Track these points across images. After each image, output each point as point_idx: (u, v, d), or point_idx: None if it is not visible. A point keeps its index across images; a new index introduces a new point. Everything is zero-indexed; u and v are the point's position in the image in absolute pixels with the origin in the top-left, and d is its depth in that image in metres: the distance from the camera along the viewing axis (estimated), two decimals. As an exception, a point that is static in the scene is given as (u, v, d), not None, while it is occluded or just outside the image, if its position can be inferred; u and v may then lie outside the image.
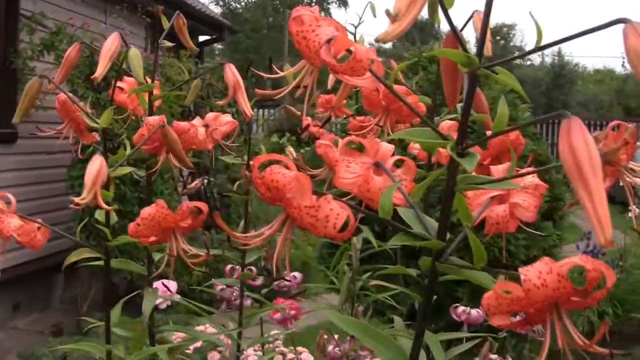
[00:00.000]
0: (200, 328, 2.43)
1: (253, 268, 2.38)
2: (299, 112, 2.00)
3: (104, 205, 1.07)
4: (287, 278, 2.84)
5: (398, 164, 0.97)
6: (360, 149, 1.02)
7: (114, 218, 1.29)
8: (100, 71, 1.26)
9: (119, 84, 1.69)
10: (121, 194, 4.72)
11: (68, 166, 5.26)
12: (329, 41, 0.77)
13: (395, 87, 1.32)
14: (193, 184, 1.72)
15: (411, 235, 0.80)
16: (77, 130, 1.41)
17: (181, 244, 1.12)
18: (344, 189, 0.92)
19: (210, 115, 1.68)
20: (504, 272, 0.76)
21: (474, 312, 2.35)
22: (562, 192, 3.39)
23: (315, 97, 2.58)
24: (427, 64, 3.31)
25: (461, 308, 2.34)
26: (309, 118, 2.76)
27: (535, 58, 33.71)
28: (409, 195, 0.88)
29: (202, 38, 8.95)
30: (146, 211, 1.08)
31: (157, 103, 1.55)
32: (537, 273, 0.66)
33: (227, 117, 1.64)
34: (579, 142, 0.62)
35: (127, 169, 1.22)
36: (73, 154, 1.45)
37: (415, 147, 1.58)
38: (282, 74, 0.94)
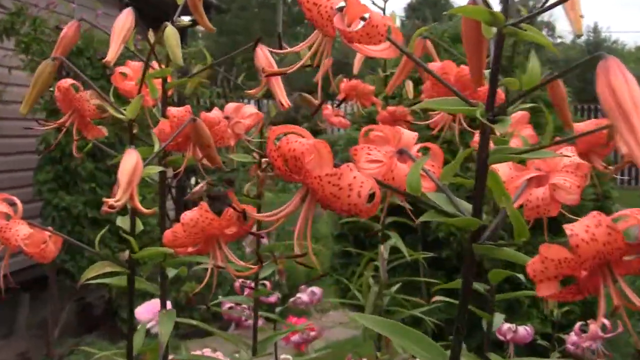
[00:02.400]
0: (207, 352, 2.42)
1: (267, 283, 2.37)
2: (316, 100, 2.00)
3: (142, 208, 1.06)
4: (306, 293, 2.84)
5: (423, 152, 1.01)
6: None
7: (139, 226, 1.28)
8: (112, 54, 1.26)
9: (121, 69, 1.69)
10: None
11: (34, 169, 5.22)
12: (341, 9, 0.80)
13: (430, 64, 1.33)
14: (198, 187, 1.73)
15: (444, 213, 0.82)
16: (81, 124, 1.40)
17: (227, 254, 1.11)
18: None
19: (231, 106, 1.69)
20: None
21: (522, 329, 2.36)
22: (609, 190, 3.42)
23: (337, 82, 2.59)
24: (451, 44, 3.32)
25: (506, 325, 2.34)
26: (328, 106, 2.76)
27: (567, 36, 33.65)
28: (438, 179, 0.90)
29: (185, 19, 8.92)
30: (188, 216, 1.09)
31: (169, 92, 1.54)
32: (584, 227, 0.68)
33: (251, 109, 1.65)
34: (618, 81, 0.66)
35: (155, 168, 1.21)
36: (75, 152, 1.44)
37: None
38: (293, 48, 0.95)
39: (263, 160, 1.88)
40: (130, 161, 1.10)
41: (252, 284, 1.94)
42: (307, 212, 0.80)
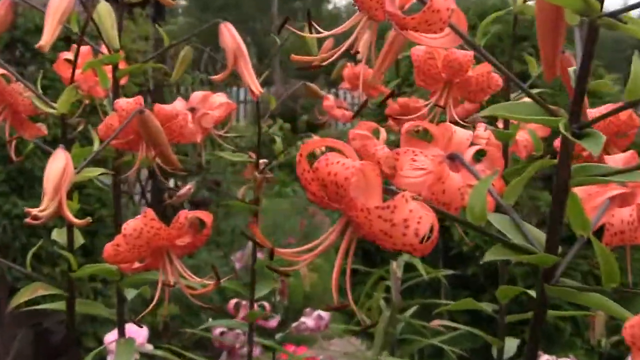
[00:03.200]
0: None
1: (266, 304, 2.38)
2: (322, 91, 2.02)
3: (73, 218, 1.07)
4: (311, 318, 2.85)
5: (478, 157, 0.99)
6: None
7: (79, 240, 1.29)
8: (48, 37, 1.27)
9: (65, 54, 1.71)
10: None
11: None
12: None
13: (461, 53, 1.33)
14: (184, 191, 1.75)
15: (512, 247, 0.81)
16: (15, 121, 1.42)
17: (179, 269, 1.13)
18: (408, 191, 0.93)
19: (197, 95, 1.71)
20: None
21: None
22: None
23: (340, 69, 2.61)
24: (477, 22, 3.34)
25: (545, 357, 2.33)
26: (330, 96, 2.77)
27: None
28: (501, 196, 0.89)
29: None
30: (130, 225, 1.09)
31: (122, 81, 1.57)
32: None
33: (221, 98, 1.66)
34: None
35: (95, 171, 1.22)
36: (13, 154, 1.46)
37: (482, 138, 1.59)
38: (332, 32, 0.96)
39: (261, 161, 1.90)
40: (57, 164, 1.10)
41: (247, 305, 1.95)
42: (348, 246, 0.79)
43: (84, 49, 1.74)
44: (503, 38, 3.56)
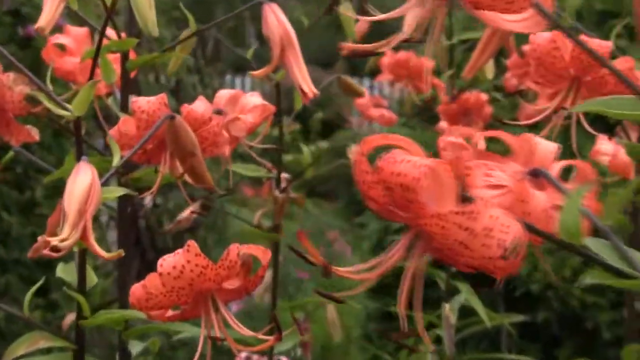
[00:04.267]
0: None
1: (283, 359, 2.38)
2: (360, 87, 2.04)
3: (102, 251, 1.08)
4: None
5: (566, 173, 1.04)
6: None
7: (92, 278, 1.30)
8: (47, 17, 1.29)
9: (58, 38, 1.73)
10: (3, 228, 4.70)
11: None
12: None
13: (596, 42, 1.34)
14: (186, 213, 1.77)
15: (616, 272, 0.82)
16: (0, 123, 1.43)
17: (227, 319, 1.14)
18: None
19: (224, 94, 1.73)
20: None
21: None
22: None
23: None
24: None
25: None
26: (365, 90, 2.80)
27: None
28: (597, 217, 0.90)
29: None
30: (168, 262, 1.11)
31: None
32: None
33: (255, 99, 1.69)
34: None
35: (115, 191, 1.24)
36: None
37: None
38: (393, 13, 0.98)
39: (282, 175, 1.91)
40: (82, 181, 1.11)
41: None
42: (416, 269, 0.82)
43: (79, 31, 1.77)
44: (584, 15, 3.58)
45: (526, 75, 2.07)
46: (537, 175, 0.96)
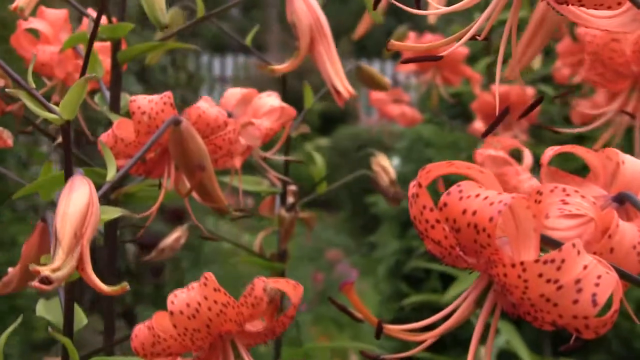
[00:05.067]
0: None
1: None
2: (385, 79, 2.03)
3: (102, 284, 1.07)
4: None
5: None
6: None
7: (81, 319, 1.29)
8: None
9: (30, 22, 1.72)
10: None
11: None
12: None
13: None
14: (171, 240, 1.77)
15: None
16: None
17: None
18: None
19: (234, 94, 1.73)
20: None
21: None
22: None
23: (399, 38, 2.62)
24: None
25: None
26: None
27: None
28: None
29: None
30: (182, 299, 1.11)
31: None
32: None
33: (272, 99, 1.68)
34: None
35: (111, 212, 1.24)
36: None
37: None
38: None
39: (289, 189, 1.91)
40: (78, 200, 1.11)
41: None
42: (489, 318, 0.83)
43: (56, 14, 1.76)
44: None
45: (581, 63, 2.05)
46: (623, 202, 0.96)
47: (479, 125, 2.82)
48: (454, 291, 3.01)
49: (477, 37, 0.99)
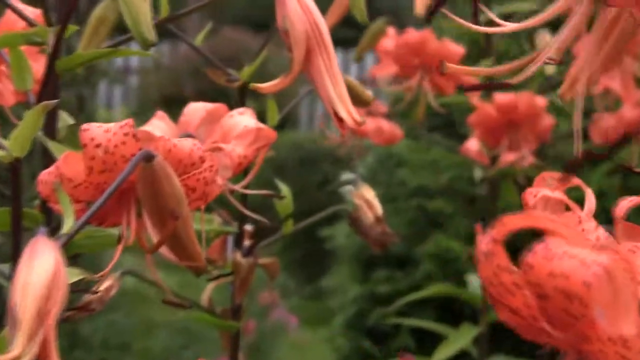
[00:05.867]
0: None
1: None
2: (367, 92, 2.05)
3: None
4: None
5: None
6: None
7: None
8: None
9: None
10: None
11: None
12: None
13: None
14: (104, 289, 1.80)
15: None
16: None
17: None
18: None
19: (196, 110, 1.74)
20: None
21: None
22: None
23: (375, 33, 2.64)
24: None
25: None
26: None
27: None
28: None
29: None
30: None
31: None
32: None
33: (246, 119, 1.70)
34: None
35: (72, 273, 1.24)
36: None
37: None
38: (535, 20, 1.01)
39: (246, 228, 1.93)
40: (42, 268, 1.12)
41: None
42: None
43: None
44: None
45: (605, 68, 2.07)
46: None
47: (474, 145, 2.82)
48: (443, 354, 3.03)
49: (551, 61, 1.01)
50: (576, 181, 1.39)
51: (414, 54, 2.62)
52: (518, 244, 0.85)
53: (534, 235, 1.30)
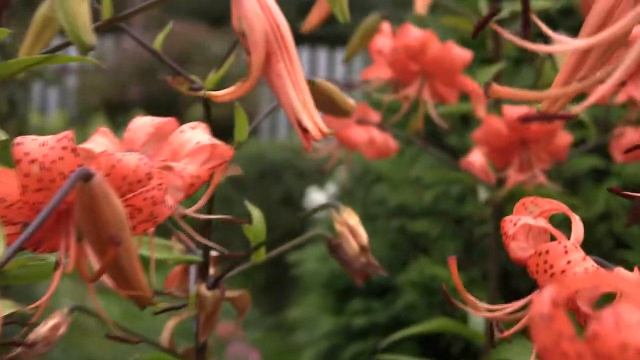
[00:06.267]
0: None
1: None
2: (349, 101, 2.07)
3: None
4: None
5: None
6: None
7: None
8: None
9: None
10: None
11: None
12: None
13: None
14: (46, 329, 1.81)
15: None
16: None
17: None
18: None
19: (142, 125, 1.75)
20: None
21: None
22: None
23: (366, 32, 2.63)
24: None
25: None
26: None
27: None
28: None
29: None
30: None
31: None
32: None
33: (198, 134, 1.70)
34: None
35: (6, 306, 1.25)
36: None
37: None
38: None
39: (212, 255, 1.93)
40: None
41: None
42: None
43: None
44: None
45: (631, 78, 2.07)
46: None
47: (478, 158, 2.76)
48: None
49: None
50: (558, 206, 1.39)
51: (413, 58, 2.55)
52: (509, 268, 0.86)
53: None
